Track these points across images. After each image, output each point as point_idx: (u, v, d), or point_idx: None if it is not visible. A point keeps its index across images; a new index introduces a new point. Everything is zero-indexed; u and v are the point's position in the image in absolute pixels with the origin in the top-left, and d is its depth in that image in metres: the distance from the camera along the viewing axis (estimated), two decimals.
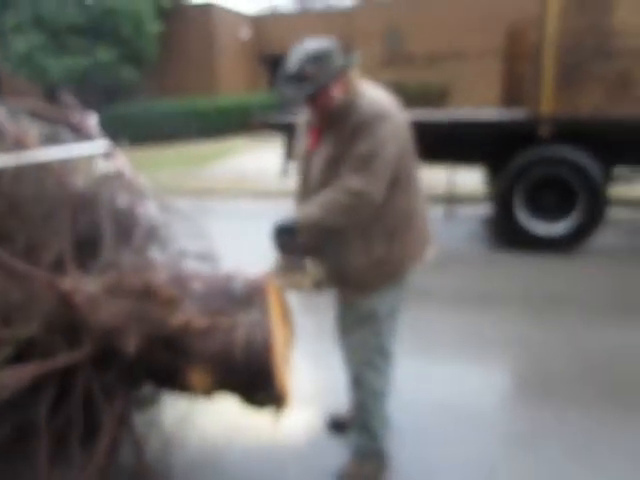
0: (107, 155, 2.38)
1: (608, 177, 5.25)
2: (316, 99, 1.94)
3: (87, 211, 2.39)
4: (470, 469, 2.41)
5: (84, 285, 1.90)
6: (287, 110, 6.56)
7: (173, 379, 1.84)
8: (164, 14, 15.36)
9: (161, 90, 15.62)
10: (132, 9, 13.46)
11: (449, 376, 3.19)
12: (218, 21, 16.68)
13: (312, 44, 1.92)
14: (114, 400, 1.85)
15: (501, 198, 5.39)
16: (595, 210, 5.15)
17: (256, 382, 1.73)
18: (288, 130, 6.10)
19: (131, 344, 1.78)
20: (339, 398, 2.74)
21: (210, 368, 1.75)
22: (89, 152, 2.27)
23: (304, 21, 18.40)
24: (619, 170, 5.53)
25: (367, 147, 1.90)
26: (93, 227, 2.36)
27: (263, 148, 12.56)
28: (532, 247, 5.32)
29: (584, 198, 5.15)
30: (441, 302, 4.26)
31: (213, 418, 2.73)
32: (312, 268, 2.07)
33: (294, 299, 2.14)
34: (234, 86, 17.34)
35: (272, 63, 19.88)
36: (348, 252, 2.07)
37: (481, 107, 7.11)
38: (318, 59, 1.89)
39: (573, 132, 5.08)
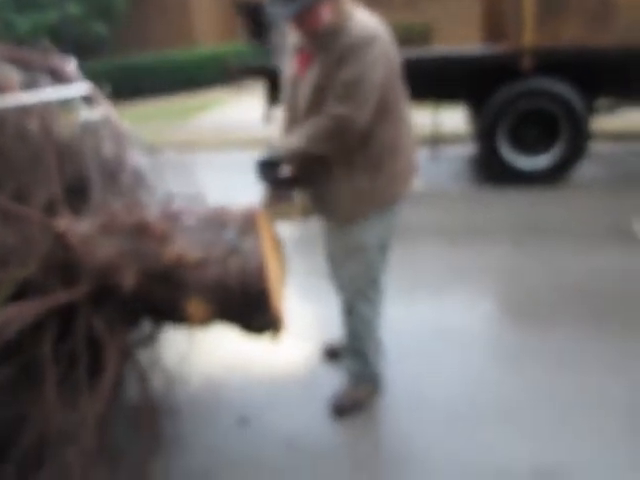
0: (90, 99, 2.35)
1: (591, 109, 5.27)
2: (304, 19, 1.91)
3: (73, 157, 2.39)
4: (457, 385, 2.54)
5: (77, 226, 1.93)
6: (266, 56, 6.44)
7: (171, 312, 1.90)
8: None
9: (135, 43, 15.14)
10: None
11: (437, 303, 3.31)
12: None
13: None
14: (116, 335, 1.91)
15: (485, 133, 5.41)
16: (578, 142, 5.20)
17: (252, 307, 1.80)
18: (269, 74, 6.01)
19: (128, 280, 1.83)
20: (332, 329, 2.84)
21: (207, 298, 1.81)
22: (71, 95, 2.25)
23: None
24: (601, 101, 5.56)
25: (354, 72, 1.89)
26: (80, 173, 2.37)
27: (245, 98, 12.35)
28: (516, 182, 5.38)
29: (567, 130, 5.19)
30: (427, 236, 4.35)
31: (212, 355, 2.83)
32: (299, 198, 2.11)
33: (286, 238, 2.19)
34: (210, 37, 16.82)
35: (246, 11, 19.24)
36: (332, 182, 2.11)
37: (463, 45, 7.02)
38: None
39: (555, 64, 5.07)
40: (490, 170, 5.62)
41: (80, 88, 2.30)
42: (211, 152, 8.10)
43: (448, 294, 3.43)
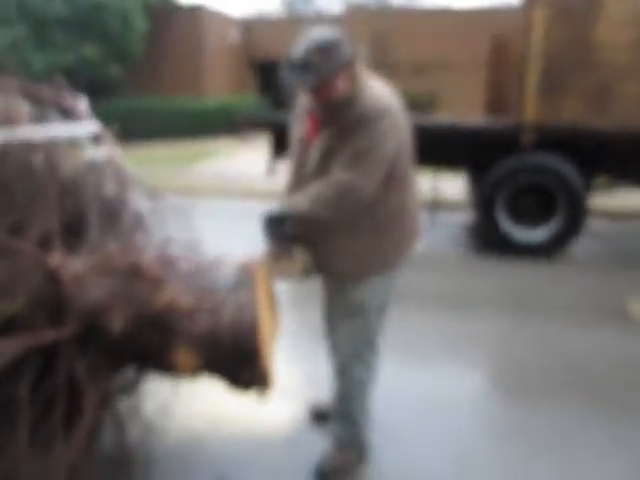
0: (98, 138, 2.37)
1: (588, 186, 5.37)
2: (320, 90, 1.94)
3: (74, 194, 2.38)
4: (443, 457, 2.45)
5: (71, 263, 1.90)
6: (274, 111, 6.59)
7: (158, 359, 1.83)
8: (153, 13, 15.29)
9: (146, 88, 15.52)
10: (120, 5, 13.36)
11: (428, 372, 3.24)
12: (206, 23, 16.65)
13: (320, 33, 1.91)
14: (97, 381, 1.84)
15: (484, 204, 5.47)
16: (575, 218, 5.25)
17: (241, 361, 1.74)
18: (275, 129, 6.12)
19: (117, 323, 1.78)
20: (321, 390, 2.76)
21: (196, 347, 1.75)
22: (79, 133, 2.26)
23: (293, 27, 18.42)
24: (598, 180, 5.66)
25: (365, 142, 1.91)
26: (80, 211, 2.35)
27: (249, 150, 12.59)
28: (513, 253, 5.40)
29: (564, 206, 5.26)
30: (421, 302, 4.30)
31: (195, 407, 2.73)
32: (301, 256, 2.09)
33: (281, 294, 2.16)
34: (220, 88, 17.29)
35: (260, 68, 19.87)
36: (336, 242, 2.09)
37: (466, 115, 7.21)
38: (325, 49, 1.88)
39: (555, 140, 5.19)
40: (487, 240, 5.64)
41: (89, 127, 2.32)
42: (211, 199, 8.15)
43: (439, 363, 3.37)
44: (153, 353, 1.82)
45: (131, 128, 13.62)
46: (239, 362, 1.76)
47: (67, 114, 2.33)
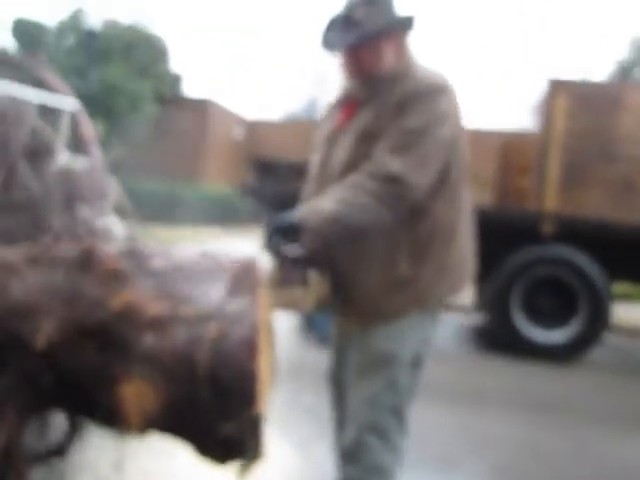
0: (74, 115, 1.90)
1: (610, 284, 4.90)
2: (362, 54, 1.54)
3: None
4: None
5: None
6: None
7: (97, 394, 1.22)
8: (161, 101, 15.63)
9: (146, 171, 15.47)
10: (131, 89, 13.63)
11: (446, 475, 2.58)
12: (212, 116, 17.04)
13: None
14: (3, 417, 1.22)
15: (497, 298, 4.95)
16: (597, 317, 4.74)
17: (225, 403, 1.14)
18: (271, 208, 5.84)
19: (43, 332, 1.20)
20: None
21: (157, 378, 1.16)
22: (54, 104, 1.81)
23: (295, 130, 18.86)
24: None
25: (418, 122, 1.47)
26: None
27: (240, 237, 12.28)
28: (528, 354, 4.79)
29: (586, 303, 4.77)
30: (436, 396, 3.64)
31: None
32: (316, 282, 1.55)
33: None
34: (219, 179, 17.36)
35: (259, 167, 20.15)
36: (364, 265, 1.56)
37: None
38: (373, 3, 1.52)
39: (576, 233, 4.80)
40: (500, 338, 5.04)
41: (67, 101, 1.86)
42: None
43: (460, 466, 2.71)
44: (92, 382, 1.21)
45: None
46: (220, 406, 1.15)
47: (44, 86, 1.88)
